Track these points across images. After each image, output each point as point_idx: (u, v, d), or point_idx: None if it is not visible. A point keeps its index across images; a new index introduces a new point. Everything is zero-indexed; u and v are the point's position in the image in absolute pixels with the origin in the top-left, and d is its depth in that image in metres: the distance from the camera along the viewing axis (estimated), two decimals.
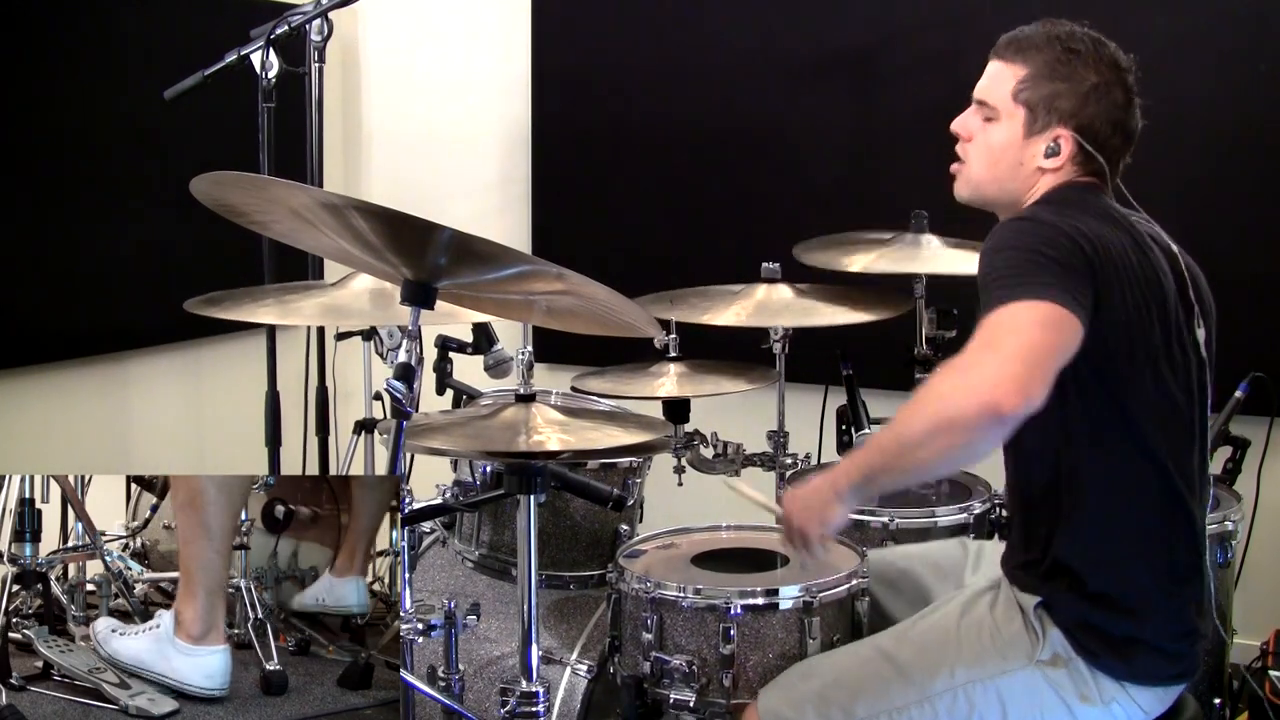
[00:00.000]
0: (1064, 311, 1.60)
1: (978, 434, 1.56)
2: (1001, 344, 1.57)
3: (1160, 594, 1.80)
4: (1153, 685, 1.80)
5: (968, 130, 1.96)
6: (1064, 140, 1.87)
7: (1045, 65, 1.89)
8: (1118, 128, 1.88)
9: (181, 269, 3.53)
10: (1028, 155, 1.89)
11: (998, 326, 1.60)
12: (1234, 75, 3.26)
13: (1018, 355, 1.54)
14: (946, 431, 1.57)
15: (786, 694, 1.94)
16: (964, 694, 1.82)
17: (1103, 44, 1.91)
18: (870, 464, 1.71)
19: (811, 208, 3.60)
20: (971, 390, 1.53)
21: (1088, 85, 1.87)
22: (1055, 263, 1.67)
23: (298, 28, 2.89)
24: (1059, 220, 1.74)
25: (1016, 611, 1.85)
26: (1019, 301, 1.60)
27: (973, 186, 1.97)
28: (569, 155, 4.10)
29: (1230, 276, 3.20)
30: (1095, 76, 1.87)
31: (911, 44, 3.52)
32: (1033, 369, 1.54)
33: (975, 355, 1.58)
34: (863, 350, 2.77)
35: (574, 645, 2.34)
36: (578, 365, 2.78)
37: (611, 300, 1.82)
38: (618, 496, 2.20)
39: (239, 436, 3.47)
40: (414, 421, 1.89)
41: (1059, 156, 1.88)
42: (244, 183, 1.75)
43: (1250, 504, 2.76)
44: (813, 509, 1.77)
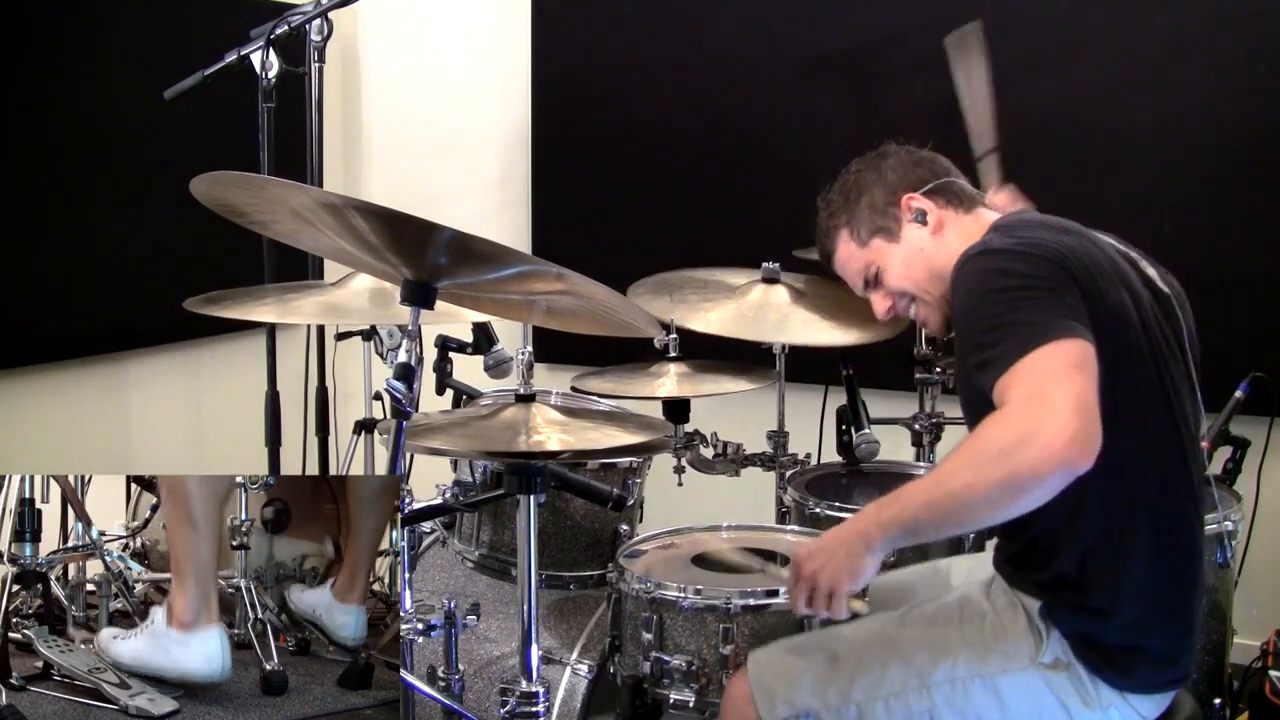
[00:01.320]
0: (1083, 343, 1.62)
1: (1050, 491, 1.56)
2: (1052, 396, 1.55)
3: (1161, 608, 1.79)
4: (1151, 693, 1.80)
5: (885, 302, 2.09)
6: (913, 202, 2.01)
7: (840, 213, 2.10)
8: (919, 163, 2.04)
9: (181, 269, 3.53)
10: (914, 245, 2.01)
11: (1037, 376, 1.59)
12: (1233, 76, 3.26)
13: (1073, 407, 1.54)
14: (1018, 489, 1.56)
15: (780, 667, 1.92)
16: (962, 686, 1.82)
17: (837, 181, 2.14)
18: (915, 518, 1.68)
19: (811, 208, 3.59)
20: (1043, 448, 1.52)
21: (866, 182, 2.06)
22: (1048, 291, 1.68)
23: (298, 28, 2.89)
24: (1017, 243, 1.77)
25: (1020, 611, 1.84)
26: (1044, 346, 1.60)
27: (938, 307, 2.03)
28: (569, 155, 4.10)
29: (1230, 276, 3.24)
30: (860, 185, 2.07)
31: (910, 45, 3.51)
32: (1090, 418, 1.55)
33: (1030, 410, 1.56)
34: (863, 350, 2.77)
35: (574, 645, 2.34)
36: (578, 365, 2.78)
37: (611, 300, 1.82)
38: (618, 496, 2.19)
39: (239, 436, 3.47)
40: (414, 421, 1.89)
41: (930, 214, 2.00)
42: (244, 183, 1.75)
43: (1250, 504, 2.76)
44: (840, 563, 1.72)
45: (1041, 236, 1.78)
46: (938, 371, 2.88)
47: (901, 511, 1.68)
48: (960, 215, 2.00)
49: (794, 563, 1.79)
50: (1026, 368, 1.59)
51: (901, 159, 2.06)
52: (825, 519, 2.45)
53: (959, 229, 1.99)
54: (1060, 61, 3.38)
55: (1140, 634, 1.77)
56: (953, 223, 2.00)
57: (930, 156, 2.07)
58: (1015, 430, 1.56)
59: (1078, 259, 1.74)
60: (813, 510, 2.48)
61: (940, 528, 1.74)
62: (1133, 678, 1.78)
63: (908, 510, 1.68)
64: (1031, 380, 1.58)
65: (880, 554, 1.72)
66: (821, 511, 2.47)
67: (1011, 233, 1.83)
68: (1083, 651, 1.78)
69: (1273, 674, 2.81)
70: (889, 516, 1.69)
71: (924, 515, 1.66)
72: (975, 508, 1.60)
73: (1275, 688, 2.79)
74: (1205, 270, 1.96)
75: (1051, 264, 1.71)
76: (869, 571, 1.72)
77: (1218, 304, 1.94)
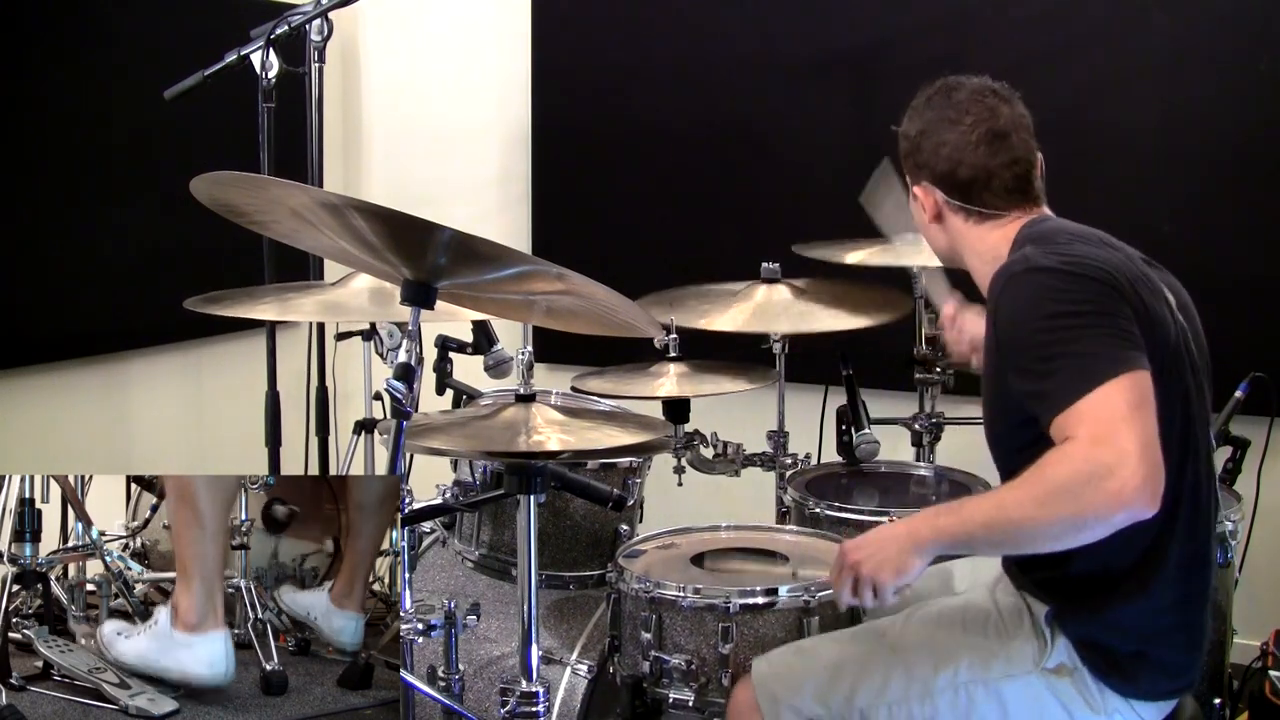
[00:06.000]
0: (1142, 374, 1.61)
1: (1111, 530, 1.57)
2: (1117, 438, 1.55)
3: (1175, 619, 1.78)
4: (1157, 700, 1.80)
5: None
6: (920, 193, 1.95)
7: (903, 128, 1.98)
8: (958, 164, 1.89)
9: (181, 269, 3.53)
10: (921, 217, 1.98)
11: (1102, 418, 1.57)
12: (1234, 75, 3.26)
13: (1140, 452, 1.54)
14: (1081, 530, 1.57)
15: (784, 673, 1.92)
16: (965, 692, 1.82)
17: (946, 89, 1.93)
18: (971, 535, 1.70)
19: (811, 208, 3.60)
20: (1112, 493, 1.53)
21: (916, 133, 1.94)
22: (1103, 317, 1.65)
23: (298, 28, 2.89)
24: (1064, 261, 1.71)
25: (1025, 615, 1.84)
26: (1105, 384, 1.58)
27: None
28: (569, 155, 4.10)
29: (1230, 277, 3.24)
30: (921, 123, 1.92)
31: (911, 46, 3.51)
32: (1156, 463, 1.55)
33: (1098, 453, 1.55)
34: (863, 350, 2.77)
35: (574, 645, 2.34)
36: (578, 365, 2.78)
37: (611, 300, 1.82)
38: (618, 496, 2.19)
39: (239, 436, 3.47)
40: (414, 421, 1.89)
41: (926, 212, 1.96)
42: (244, 183, 1.75)
43: (1250, 504, 2.76)
44: (889, 559, 1.74)
45: (1083, 252, 1.74)
46: (938, 371, 2.88)
47: (960, 526, 1.70)
48: (973, 225, 1.93)
49: (840, 551, 1.81)
50: (1089, 409, 1.58)
51: (936, 150, 1.92)
52: (825, 519, 2.45)
53: (965, 230, 1.94)
54: (1060, 61, 3.38)
55: (1151, 643, 1.77)
56: (958, 226, 1.94)
57: (979, 165, 1.90)
58: (1084, 473, 1.55)
59: (1124, 275, 1.71)
60: (813, 510, 2.48)
61: (995, 548, 1.83)
62: (1140, 685, 1.77)
63: (966, 527, 1.69)
64: (1097, 422, 1.57)
65: (928, 557, 1.73)
66: (821, 511, 2.47)
67: (1052, 247, 1.77)
68: (1090, 657, 1.77)
69: (1273, 674, 2.81)
70: (945, 525, 1.71)
71: (981, 534, 1.69)
72: (1036, 539, 1.64)
73: (1275, 688, 2.79)
74: (1205, 270, 1.95)
75: (1102, 285, 1.68)
76: (914, 572, 1.74)
77: (1218, 304, 1.94)
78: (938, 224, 1.97)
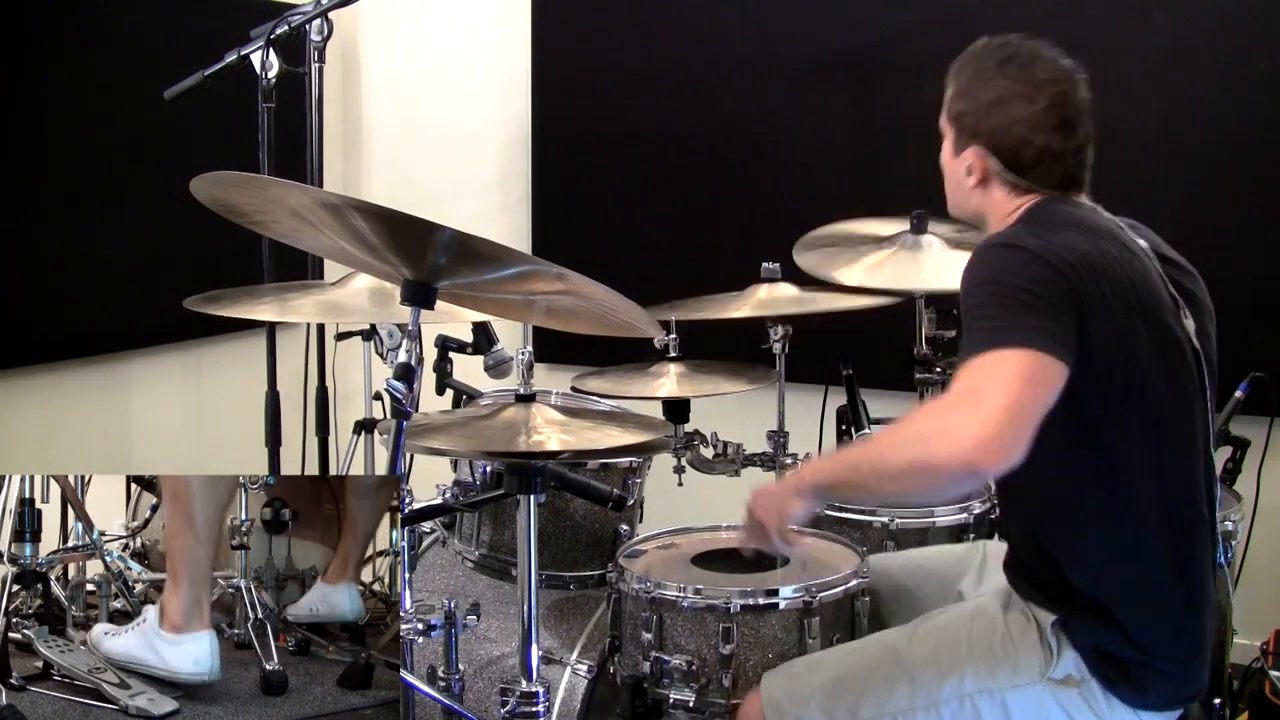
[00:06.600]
0: (1048, 359, 1.58)
1: (951, 483, 1.60)
2: (985, 397, 1.54)
3: (1173, 623, 1.77)
4: (1164, 709, 1.79)
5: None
6: (973, 158, 1.87)
7: (964, 82, 1.89)
8: (1026, 144, 1.83)
9: (181, 269, 3.53)
10: (960, 174, 1.91)
11: (982, 375, 1.57)
12: (1234, 75, 3.26)
13: (1001, 413, 1.52)
14: (922, 475, 1.59)
15: (791, 685, 1.93)
16: (970, 703, 1.81)
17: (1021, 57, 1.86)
18: (838, 476, 1.76)
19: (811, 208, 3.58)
20: (953, 442, 1.52)
21: (987, 100, 1.85)
22: (1040, 300, 1.63)
23: (298, 28, 2.89)
24: (1041, 245, 1.69)
25: (1032, 625, 1.82)
26: (1004, 349, 1.57)
27: (949, 205, 2.00)
28: (569, 155, 4.10)
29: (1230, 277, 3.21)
30: (995, 91, 1.85)
31: (911, 46, 3.51)
32: (1015, 429, 1.52)
33: (959, 405, 1.56)
34: (863, 350, 2.77)
35: (574, 645, 2.34)
36: (578, 365, 2.78)
37: (611, 300, 1.82)
38: (618, 496, 2.19)
39: (239, 436, 3.47)
40: (414, 421, 1.89)
41: (973, 176, 1.88)
42: (244, 183, 1.75)
43: (1250, 504, 2.76)
44: (773, 504, 1.81)
45: (1065, 241, 1.71)
46: (938, 371, 2.88)
47: (831, 470, 1.79)
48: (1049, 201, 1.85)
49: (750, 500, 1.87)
50: (977, 364, 1.59)
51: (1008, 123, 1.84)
52: (825, 519, 2.45)
53: (1034, 206, 1.86)
54: None
55: (1158, 652, 1.75)
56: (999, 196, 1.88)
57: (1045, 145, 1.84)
58: (937, 421, 1.59)
59: (1094, 273, 1.68)
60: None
61: (857, 491, 1.88)
62: (1148, 694, 1.76)
63: (836, 470, 1.78)
64: (977, 378, 1.58)
65: (808, 502, 1.79)
66: (821, 511, 2.47)
67: (1041, 230, 1.75)
68: (1099, 666, 1.76)
69: (1273, 674, 2.81)
70: (822, 467, 1.82)
71: (845, 476, 1.75)
72: (884, 481, 1.66)
73: (1275, 688, 2.79)
74: (1205, 270, 1.95)
75: (1058, 275, 1.66)
76: (796, 515, 1.79)
77: (1218, 304, 1.94)
78: (981, 188, 1.89)
